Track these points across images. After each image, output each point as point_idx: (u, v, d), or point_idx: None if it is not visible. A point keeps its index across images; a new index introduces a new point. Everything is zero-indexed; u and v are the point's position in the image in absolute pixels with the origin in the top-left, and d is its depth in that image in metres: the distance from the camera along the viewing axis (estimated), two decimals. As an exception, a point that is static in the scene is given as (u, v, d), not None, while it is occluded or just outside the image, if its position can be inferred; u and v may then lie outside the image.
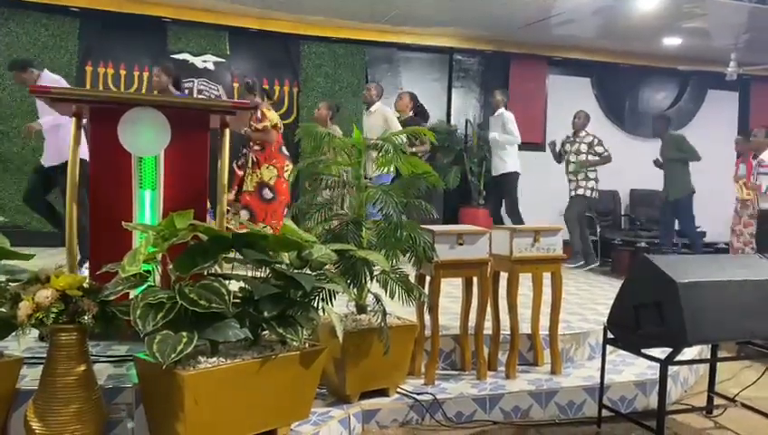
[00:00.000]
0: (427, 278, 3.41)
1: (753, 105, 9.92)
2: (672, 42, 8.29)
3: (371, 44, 8.28)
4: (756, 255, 3.27)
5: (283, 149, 5.82)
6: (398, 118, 6.64)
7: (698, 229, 8.52)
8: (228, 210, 5.25)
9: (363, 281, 3.07)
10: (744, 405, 3.31)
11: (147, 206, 3.13)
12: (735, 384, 3.68)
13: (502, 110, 7.28)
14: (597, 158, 7.16)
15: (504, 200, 7.38)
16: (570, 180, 7.36)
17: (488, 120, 8.30)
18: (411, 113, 6.81)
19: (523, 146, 7.67)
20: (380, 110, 6.57)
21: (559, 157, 7.45)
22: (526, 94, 8.77)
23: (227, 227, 3.25)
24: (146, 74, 7.46)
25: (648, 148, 9.34)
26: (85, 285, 2.36)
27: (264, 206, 5.66)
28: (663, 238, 7.56)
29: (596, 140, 7.21)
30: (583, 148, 7.19)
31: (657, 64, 9.22)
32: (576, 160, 7.19)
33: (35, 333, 2.86)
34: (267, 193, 5.67)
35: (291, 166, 5.76)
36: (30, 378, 2.58)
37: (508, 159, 7.20)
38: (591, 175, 7.21)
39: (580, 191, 7.21)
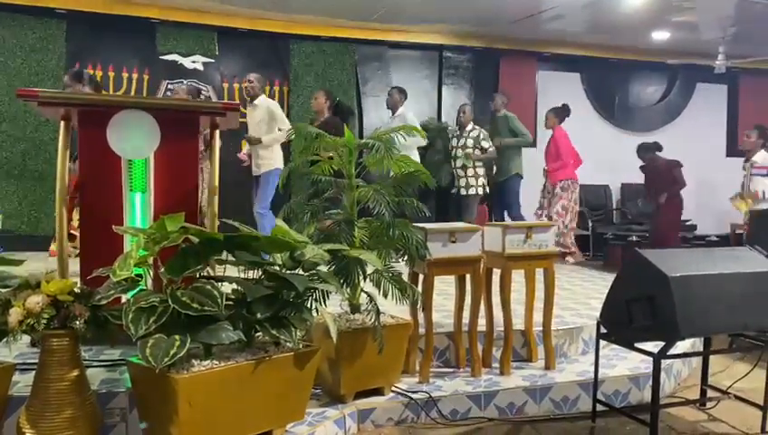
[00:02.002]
0: (421, 276, 3.41)
1: (742, 97, 9.98)
2: (661, 36, 8.32)
3: (361, 43, 8.27)
4: (747, 247, 3.28)
5: None
6: (317, 121, 6.18)
7: (689, 222, 8.58)
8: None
9: (356, 280, 3.07)
10: (736, 397, 3.33)
11: (137, 209, 3.12)
12: (728, 377, 3.70)
13: (402, 109, 6.92)
14: (482, 152, 6.95)
15: None
16: (459, 177, 7.02)
17: (480, 118, 8.32)
18: (329, 113, 6.29)
19: (514, 142, 7.68)
20: (264, 103, 6.09)
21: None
22: (516, 90, 8.78)
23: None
24: (135, 76, 7.43)
25: (639, 142, 9.38)
26: (76, 290, 2.35)
27: None
28: None
29: (482, 135, 6.99)
30: (470, 142, 6.95)
31: (646, 58, 9.26)
32: (462, 155, 6.95)
33: (27, 338, 2.85)
34: None
35: None
36: (22, 384, 2.56)
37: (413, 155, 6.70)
38: (480, 171, 6.98)
39: (472, 191, 6.93)
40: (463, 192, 6.97)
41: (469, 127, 7.07)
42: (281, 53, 8.03)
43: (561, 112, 7.25)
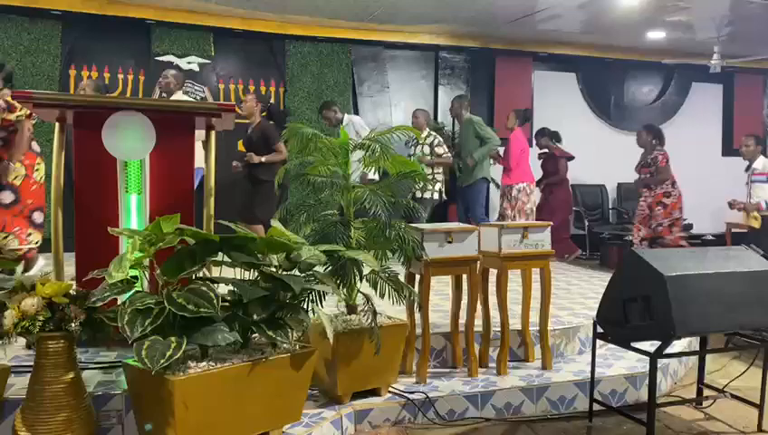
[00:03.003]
0: (417, 277, 3.41)
1: (737, 97, 9.99)
2: (656, 35, 8.34)
3: (357, 43, 8.26)
4: (743, 246, 3.29)
5: (34, 144, 4.73)
6: (250, 128, 6.06)
7: (685, 221, 8.59)
8: None
9: (353, 281, 3.07)
10: (733, 396, 3.33)
11: (133, 210, 3.11)
12: (724, 375, 3.71)
13: (347, 117, 6.82)
14: (437, 157, 6.74)
15: None
16: None
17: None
18: (260, 117, 6.03)
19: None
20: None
21: None
22: (512, 90, 8.79)
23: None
24: (130, 77, 7.41)
25: (635, 141, 9.39)
26: (72, 292, 2.35)
27: (4, 211, 4.55)
28: None
29: (437, 141, 6.83)
30: (426, 150, 6.78)
31: (641, 58, 9.27)
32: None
33: (22, 341, 2.84)
34: (7, 196, 4.57)
35: (42, 164, 4.69)
36: (18, 387, 2.56)
37: None
38: (439, 177, 6.82)
39: (427, 195, 6.71)
40: (417, 195, 6.71)
41: (424, 134, 6.88)
42: (277, 54, 8.02)
43: (522, 115, 7.20)
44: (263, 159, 5.77)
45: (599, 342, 3.23)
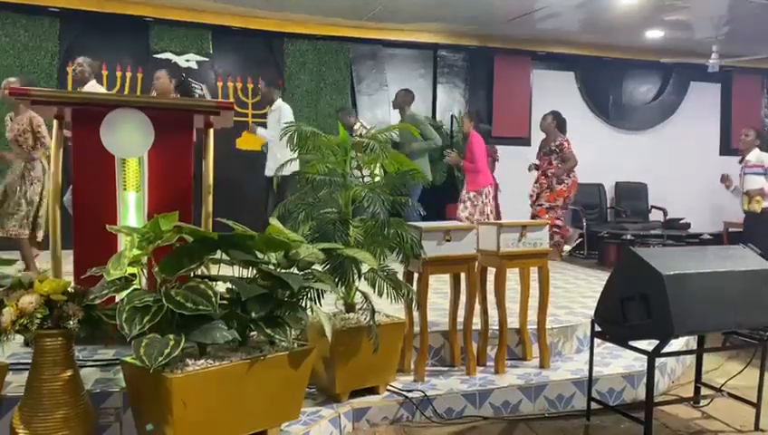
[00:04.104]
0: (416, 275, 3.41)
1: (735, 96, 10.02)
2: (655, 34, 8.35)
3: (355, 41, 8.27)
4: (740, 245, 3.30)
5: None
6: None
7: (682, 221, 8.61)
8: None
9: (351, 279, 3.07)
10: (730, 395, 3.34)
11: (131, 208, 3.11)
12: (722, 374, 3.71)
13: (279, 101, 6.59)
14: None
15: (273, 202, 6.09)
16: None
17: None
18: (176, 93, 5.57)
19: (509, 140, 7.69)
20: (93, 89, 5.52)
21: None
22: (511, 89, 8.80)
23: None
24: (128, 75, 7.40)
25: (633, 140, 9.44)
26: (70, 290, 2.34)
27: None
28: None
29: (371, 132, 6.70)
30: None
31: (640, 57, 9.29)
32: None
33: (20, 338, 2.84)
34: None
35: None
36: (15, 384, 2.55)
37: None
38: (377, 171, 6.60)
39: None
40: None
41: (357, 126, 6.90)
42: (275, 52, 8.02)
43: (475, 117, 7.05)
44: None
45: (597, 340, 3.23)
